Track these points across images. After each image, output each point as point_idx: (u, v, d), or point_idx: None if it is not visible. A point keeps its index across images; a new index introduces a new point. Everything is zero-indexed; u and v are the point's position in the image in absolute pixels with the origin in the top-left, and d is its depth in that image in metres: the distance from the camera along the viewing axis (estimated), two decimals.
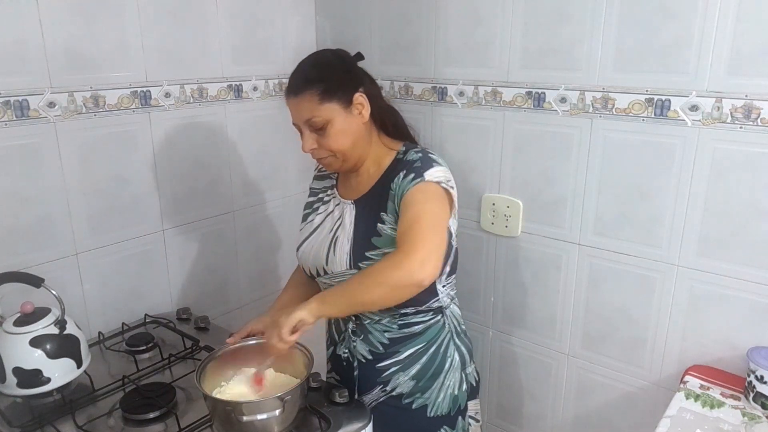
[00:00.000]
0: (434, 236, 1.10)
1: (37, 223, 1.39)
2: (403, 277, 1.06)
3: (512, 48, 1.52)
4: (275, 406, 1.06)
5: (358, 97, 1.20)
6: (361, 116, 1.21)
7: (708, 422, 1.19)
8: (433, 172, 1.17)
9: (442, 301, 1.26)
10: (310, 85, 1.16)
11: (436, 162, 1.20)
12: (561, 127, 1.49)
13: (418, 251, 1.06)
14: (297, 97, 1.18)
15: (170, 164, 1.64)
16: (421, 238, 1.07)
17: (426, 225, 1.10)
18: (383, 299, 1.11)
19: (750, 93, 1.21)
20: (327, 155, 1.22)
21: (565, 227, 1.55)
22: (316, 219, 1.33)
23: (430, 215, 1.12)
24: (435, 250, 1.09)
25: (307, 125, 1.19)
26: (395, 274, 1.06)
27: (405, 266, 1.05)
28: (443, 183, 1.18)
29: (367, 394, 1.29)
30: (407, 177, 1.16)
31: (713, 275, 1.34)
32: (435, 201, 1.15)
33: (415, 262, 1.05)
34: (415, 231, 1.09)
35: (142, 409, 1.19)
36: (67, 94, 1.39)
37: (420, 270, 1.05)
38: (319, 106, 1.16)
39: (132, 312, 1.61)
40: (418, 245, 1.06)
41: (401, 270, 1.06)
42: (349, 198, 1.28)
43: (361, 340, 1.28)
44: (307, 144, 1.20)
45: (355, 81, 1.21)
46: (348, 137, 1.20)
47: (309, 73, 1.20)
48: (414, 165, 1.18)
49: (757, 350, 1.25)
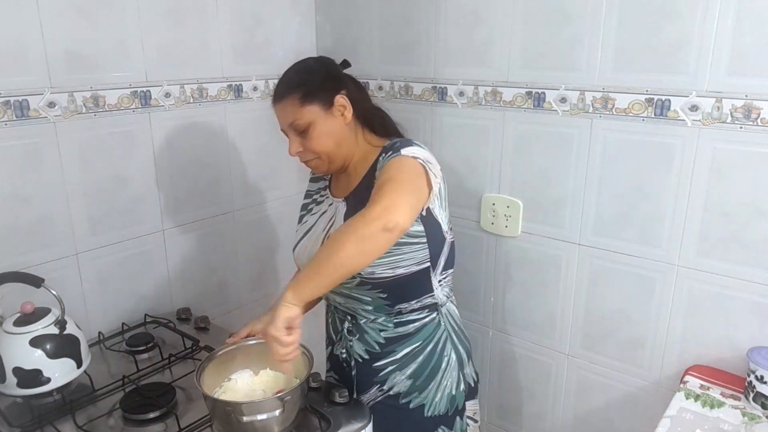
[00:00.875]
0: (405, 191, 1.07)
1: (37, 223, 1.39)
2: (368, 224, 1.01)
3: (512, 48, 1.52)
4: (275, 406, 1.06)
5: (339, 99, 1.22)
6: (343, 117, 1.23)
7: (708, 422, 1.19)
8: (411, 149, 1.16)
9: (437, 298, 1.27)
10: (291, 89, 1.20)
11: (416, 144, 1.19)
12: (561, 127, 1.49)
13: (383, 200, 1.03)
14: (280, 102, 1.22)
15: (170, 164, 1.64)
16: (389, 192, 1.05)
17: (396, 184, 1.07)
18: (355, 254, 1.03)
19: (750, 93, 1.21)
20: (312, 157, 1.24)
21: (565, 227, 1.55)
22: (310, 220, 1.35)
23: (402, 177, 1.10)
24: (404, 201, 1.05)
25: (291, 129, 1.22)
26: (359, 223, 1.02)
27: (368, 213, 1.02)
28: (420, 159, 1.15)
29: (364, 394, 1.29)
30: (386, 156, 1.17)
31: (713, 275, 1.34)
32: (409, 170, 1.13)
33: (379, 209, 1.02)
34: (383, 188, 1.06)
35: (142, 409, 1.19)
36: (67, 94, 1.39)
37: (386, 214, 1.01)
38: (301, 108, 1.19)
39: (132, 312, 1.61)
40: (385, 196, 1.04)
41: (365, 217, 1.02)
42: (339, 196, 1.30)
43: (357, 339, 1.28)
44: (292, 147, 1.23)
45: (336, 84, 1.23)
46: (330, 138, 1.22)
47: (291, 78, 1.24)
48: (394, 145, 1.19)
49: (757, 350, 1.25)
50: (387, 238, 1.03)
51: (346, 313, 1.30)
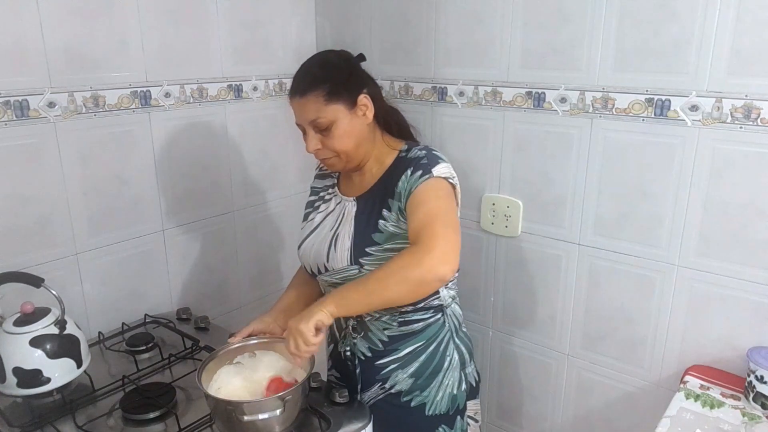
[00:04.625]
0: (452, 232, 1.11)
1: (37, 223, 1.39)
2: (426, 273, 1.06)
3: (512, 48, 1.52)
4: (276, 405, 1.06)
5: (362, 99, 1.20)
6: (365, 117, 1.21)
7: (708, 422, 1.19)
8: (440, 168, 1.18)
9: (443, 300, 1.27)
10: (315, 85, 1.17)
11: (441, 158, 1.21)
12: (561, 127, 1.49)
13: (438, 247, 1.06)
14: (303, 97, 1.18)
15: (170, 164, 1.64)
16: (440, 235, 1.08)
17: (443, 221, 1.10)
18: (404, 296, 1.11)
19: (750, 93, 1.21)
20: (331, 156, 1.22)
21: (565, 227, 1.55)
22: (317, 217, 1.33)
23: (445, 212, 1.13)
24: (453, 246, 1.09)
25: (311, 126, 1.19)
26: (417, 270, 1.06)
27: (426, 262, 1.06)
28: (450, 179, 1.19)
29: (366, 392, 1.29)
30: (415, 174, 1.17)
31: (713, 275, 1.34)
32: (446, 197, 1.16)
33: (435, 258, 1.05)
34: (432, 227, 1.09)
35: (142, 409, 1.19)
36: (67, 94, 1.39)
37: (441, 265, 1.06)
38: (325, 107, 1.17)
39: (132, 312, 1.61)
40: (438, 241, 1.07)
41: (423, 266, 1.06)
42: (350, 195, 1.29)
43: (361, 337, 1.28)
44: (311, 144, 1.21)
45: (359, 82, 1.21)
46: (352, 138, 1.20)
47: (315, 73, 1.19)
48: (421, 162, 1.18)
49: (757, 350, 1.25)
50: (438, 286, 1.11)
51: None
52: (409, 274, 1.07)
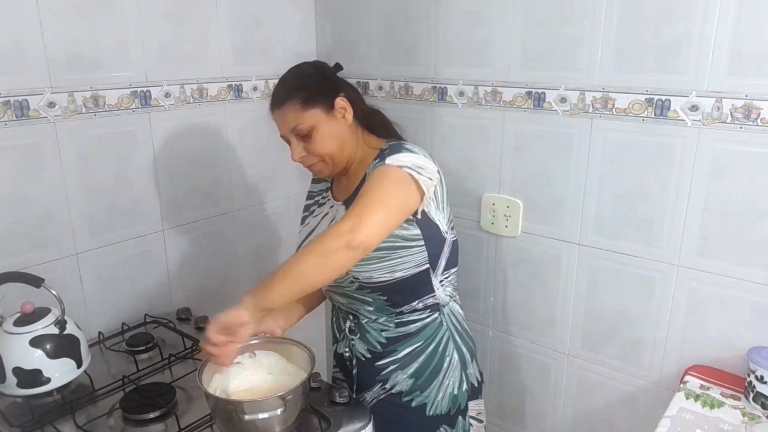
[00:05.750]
0: (375, 209, 1.08)
1: (37, 223, 1.39)
2: (331, 240, 1.03)
3: (512, 48, 1.52)
4: (277, 405, 1.06)
5: (339, 101, 1.22)
6: (344, 119, 1.23)
7: (708, 422, 1.19)
8: (397, 157, 1.16)
9: (439, 298, 1.27)
10: (292, 94, 1.20)
11: (407, 149, 1.19)
12: (561, 127, 1.49)
13: (350, 218, 1.05)
14: (281, 108, 1.21)
15: (170, 164, 1.64)
16: (358, 209, 1.07)
17: (368, 200, 1.09)
18: (315, 269, 1.05)
19: (750, 93, 1.21)
20: (316, 161, 1.24)
21: (565, 227, 1.54)
22: (312, 221, 1.35)
23: (376, 192, 1.12)
24: (372, 218, 1.07)
25: (293, 134, 1.22)
26: (326, 237, 1.05)
27: (334, 231, 1.05)
28: (406, 167, 1.15)
29: (367, 392, 1.30)
30: (373, 163, 1.19)
31: (713, 275, 1.34)
32: (388, 182, 1.14)
33: (344, 226, 1.04)
34: (355, 206, 1.09)
35: (142, 409, 1.19)
36: (67, 94, 1.39)
37: (350, 232, 1.03)
38: (303, 113, 1.19)
39: (132, 312, 1.61)
40: (352, 214, 1.06)
41: (332, 233, 1.05)
42: (340, 199, 1.31)
43: (358, 339, 1.28)
44: (295, 153, 1.23)
45: (335, 87, 1.24)
46: (334, 141, 1.22)
47: (290, 83, 1.23)
48: (383, 152, 1.19)
49: (757, 350, 1.25)
50: (349, 256, 1.05)
51: (349, 312, 1.30)
52: (315, 245, 1.05)
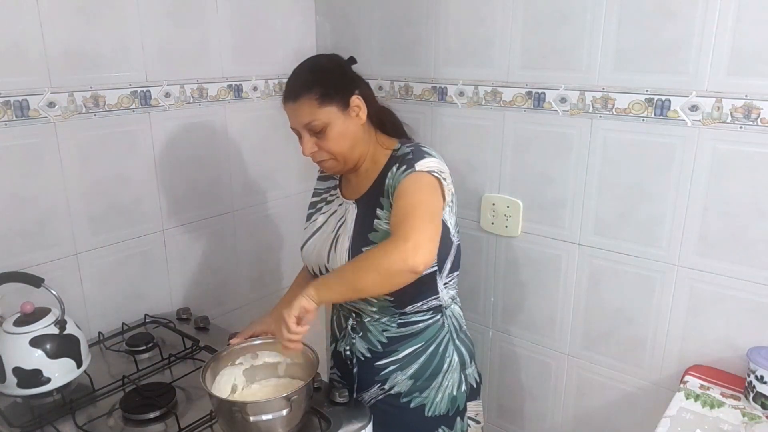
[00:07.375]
0: (428, 224, 1.10)
1: (37, 223, 1.39)
2: (396, 263, 1.05)
3: (512, 48, 1.52)
4: (282, 406, 1.06)
5: (355, 100, 1.21)
6: (358, 118, 1.22)
7: (708, 422, 1.19)
8: (424, 163, 1.17)
9: (442, 300, 1.27)
10: (308, 89, 1.18)
11: (428, 153, 1.20)
12: (561, 127, 1.49)
13: (410, 238, 1.05)
14: (296, 102, 1.19)
15: (170, 164, 1.64)
16: (415, 226, 1.07)
17: (419, 213, 1.10)
18: (377, 285, 1.09)
19: (750, 93, 1.21)
20: (327, 158, 1.23)
21: (565, 227, 1.55)
22: (320, 219, 1.34)
23: (424, 204, 1.12)
24: (429, 238, 1.08)
25: (306, 129, 1.20)
26: (387, 259, 1.05)
27: (397, 252, 1.05)
28: (435, 172, 1.18)
29: (365, 392, 1.29)
30: (400, 169, 1.18)
31: (713, 275, 1.34)
32: (427, 190, 1.16)
33: (407, 248, 1.04)
34: (408, 220, 1.09)
35: (142, 409, 1.19)
36: (67, 94, 1.39)
37: (413, 255, 1.04)
38: (318, 109, 1.18)
39: (132, 312, 1.61)
40: (412, 232, 1.06)
41: (393, 255, 1.05)
42: (351, 198, 1.29)
43: (360, 337, 1.28)
44: (306, 148, 1.22)
45: (351, 84, 1.23)
46: (347, 139, 1.21)
47: (306, 77, 1.21)
48: (406, 158, 1.19)
49: (757, 350, 1.25)
50: (411, 278, 1.08)
51: (351, 311, 1.30)
52: (381, 264, 1.06)
